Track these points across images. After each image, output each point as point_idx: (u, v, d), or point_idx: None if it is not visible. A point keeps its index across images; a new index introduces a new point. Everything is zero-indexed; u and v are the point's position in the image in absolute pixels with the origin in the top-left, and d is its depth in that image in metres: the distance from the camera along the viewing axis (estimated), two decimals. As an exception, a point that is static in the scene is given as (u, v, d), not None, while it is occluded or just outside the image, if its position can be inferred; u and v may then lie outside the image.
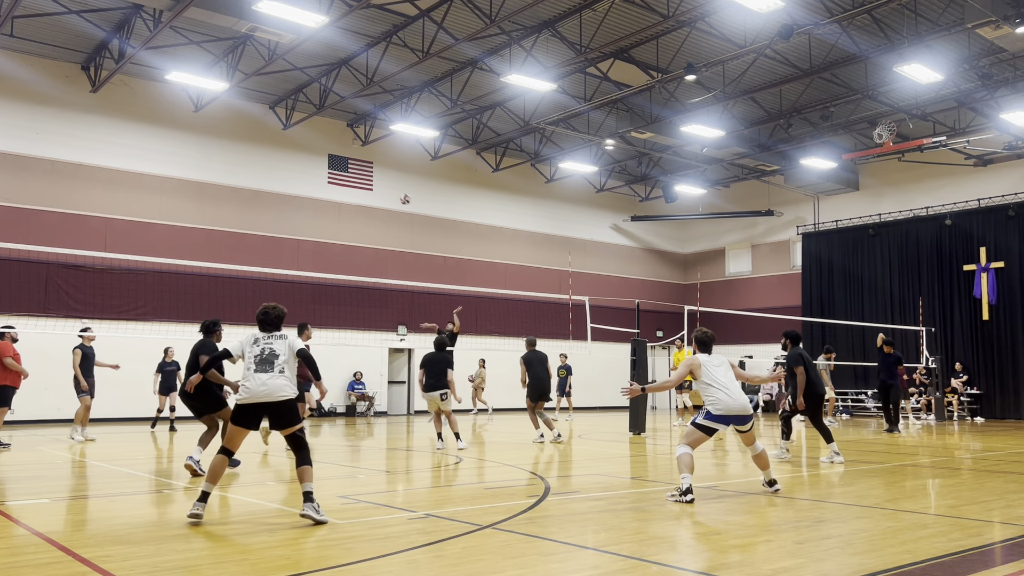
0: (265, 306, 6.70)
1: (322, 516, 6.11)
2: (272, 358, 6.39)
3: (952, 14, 16.70)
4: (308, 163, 24.22)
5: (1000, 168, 24.84)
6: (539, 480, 8.88)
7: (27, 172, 19.81)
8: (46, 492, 8.02)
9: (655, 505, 7.10)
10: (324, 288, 23.00)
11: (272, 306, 6.72)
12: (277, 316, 6.68)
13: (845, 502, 7.52)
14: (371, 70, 19.68)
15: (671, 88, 20.90)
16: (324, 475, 9.78)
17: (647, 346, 17.18)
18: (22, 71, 19.82)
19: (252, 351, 6.47)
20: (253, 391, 6.31)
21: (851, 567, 4.83)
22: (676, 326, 27.57)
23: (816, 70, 19.24)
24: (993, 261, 24.64)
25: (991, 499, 7.64)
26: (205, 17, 15.31)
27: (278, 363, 6.40)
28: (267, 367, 6.36)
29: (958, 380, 24.16)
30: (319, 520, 6.06)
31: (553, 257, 29.06)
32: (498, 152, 27.40)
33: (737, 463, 11.58)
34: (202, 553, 5.20)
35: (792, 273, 30.07)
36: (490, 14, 16.28)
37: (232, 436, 6.44)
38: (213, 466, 6.34)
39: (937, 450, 13.41)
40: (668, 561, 5.08)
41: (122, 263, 19.69)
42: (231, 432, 6.45)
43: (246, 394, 6.34)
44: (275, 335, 6.59)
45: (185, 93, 21.67)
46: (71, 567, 4.78)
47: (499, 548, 5.38)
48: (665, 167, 28.87)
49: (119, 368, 15.35)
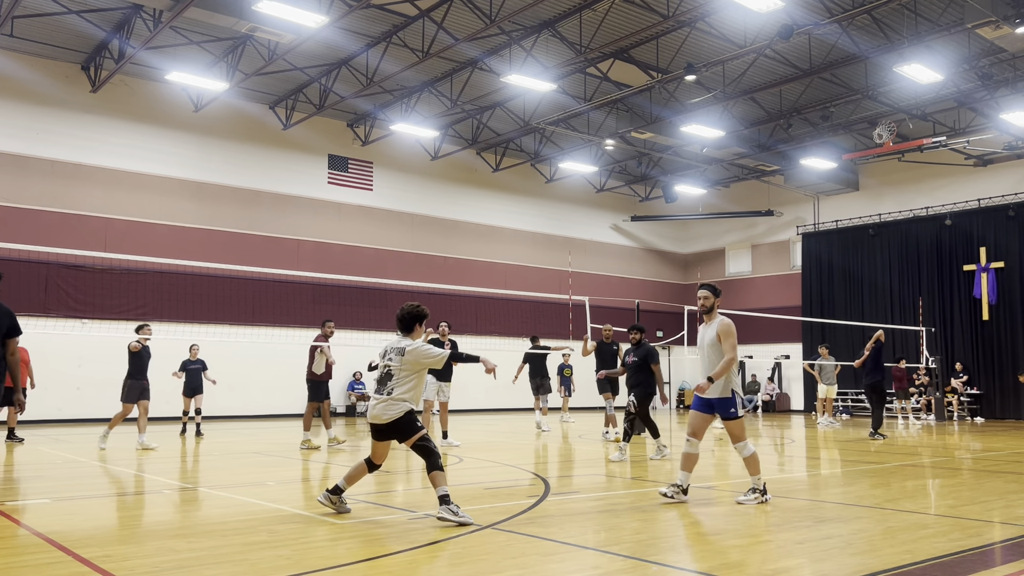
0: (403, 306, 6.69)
1: (463, 517, 6.01)
2: (386, 379, 6.45)
3: (952, 14, 16.69)
4: (308, 163, 24.21)
5: (1000, 168, 24.84)
6: (539, 480, 8.87)
7: (27, 172, 19.81)
8: (46, 492, 8.02)
9: (655, 505, 7.10)
10: (324, 288, 23.00)
11: (409, 306, 6.64)
12: (407, 315, 6.60)
13: (845, 502, 7.52)
14: (371, 70, 19.68)
15: (671, 88, 20.90)
16: (324, 475, 9.78)
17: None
18: (22, 71, 19.82)
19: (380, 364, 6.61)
20: (369, 412, 6.57)
21: (851, 567, 4.83)
22: (676, 326, 27.57)
23: (816, 70, 19.24)
24: (993, 261, 24.64)
25: (991, 499, 7.63)
26: (205, 17, 15.30)
27: (390, 384, 6.41)
28: (380, 387, 6.49)
29: (958, 380, 24.16)
30: (460, 522, 5.97)
31: (553, 257, 29.06)
32: (498, 152, 27.40)
33: (737, 463, 11.58)
34: (202, 553, 5.19)
35: (792, 273, 30.07)
36: (490, 14, 16.28)
37: (373, 449, 6.61)
38: (353, 468, 6.66)
39: (937, 450, 13.41)
40: (668, 561, 5.08)
41: (122, 263, 19.69)
42: (373, 446, 6.61)
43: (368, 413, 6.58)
44: (395, 348, 6.51)
45: (185, 93, 21.67)
46: (71, 567, 4.78)
47: (499, 548, 5.38)
48: (665, 167, 28.86)
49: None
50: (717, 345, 7.20)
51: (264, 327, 21.57)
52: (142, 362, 12.95)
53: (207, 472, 10.16)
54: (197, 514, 7.01)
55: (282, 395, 21.86)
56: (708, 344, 7.27)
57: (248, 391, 21.60)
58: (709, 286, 7.42)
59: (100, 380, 19.91)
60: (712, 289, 7.46)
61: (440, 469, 6.22)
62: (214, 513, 7.02)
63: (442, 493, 6.09)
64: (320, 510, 6.67)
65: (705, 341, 7.31)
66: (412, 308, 6.63)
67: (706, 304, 7.40)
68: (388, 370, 6.46)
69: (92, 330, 19.69)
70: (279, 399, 21.99)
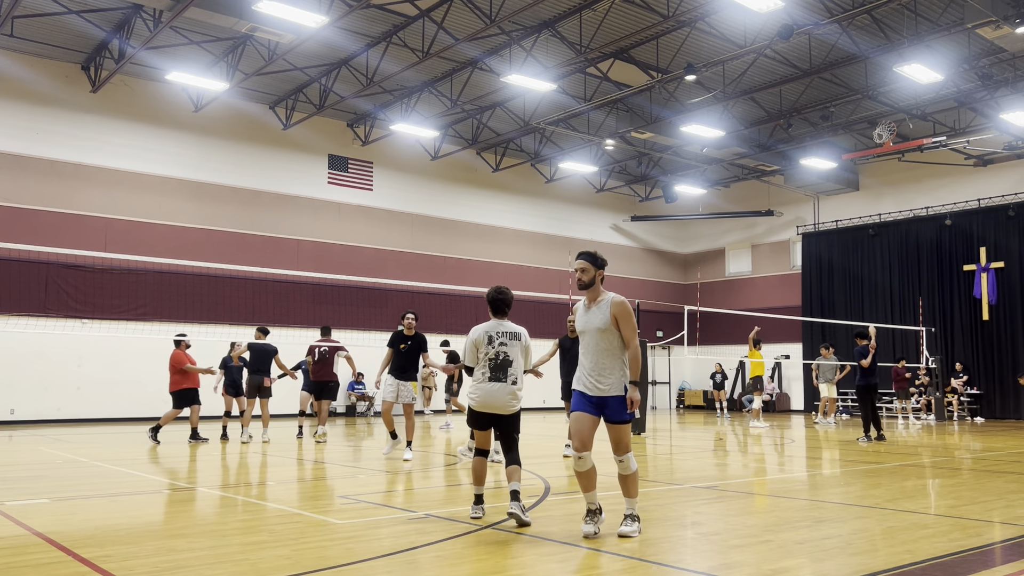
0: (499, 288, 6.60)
1: (527, 518, 5.96)
2: (504, 365, 6.28)
3: (952, 14, 16.70)
4: (308, 163, 24.22)
5: (1000, 168, 24.84)
6: (539, 480, 8.87)
7: (27, 172, 19.81)
8: (46, 492, 8.02)
9: (655, 505, 7.10)
10: (324, 288, 23.01)
11: (506, 288, 6.62)
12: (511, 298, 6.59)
13: (845, 502, 7.52)
14: (371, 70, 19.68)
15: (671, 88, 20.90)
16: (324, 475, 9.78)
17: (647, 346, 17.16)
18: (22, 71, 19.82)
19: (486, 351, 6.34)
20: (483, 400, 6.28)
21: (851, 567, 4.83)
22: (676, 326, 27.59)
23: (816, 70, 19.25)
24: (993, 261, 24.64)
25: (991, 499, 7.64)
26: (205, 17, 15.31)
27: (511, 372, 6.29)
28: (498, 374, 6.27)
29: (958, 380, 24.16)
30: (524, 521, 5.92)
31: (553, 257, 29.06)
32: (498, 152, 27.40)
33: (737, 463, 11.59)
34: (202, 553, 5.19)
35: (792, 273, 30.07)
36: (490, 14, 16.28)
37: (481, 438, 6.46)
38: (474, 468, 6.45)
39: (937, 450, 13.41)
40: (668, 561, 5.08)
41: (122, 263, 19.70)
42: (480, 436, 6.45)
43: (478, 400, 6.30)
44: (507, 332, 6.41)
45: (185, 93, 21.67)
46: (71, 567, 4.78)
47: (499, 548, 5.38)
48: (665, 167, 28.87)
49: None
50: (611, 332, 5.67)
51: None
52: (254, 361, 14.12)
53: (207, 472, 10.16)
54: (197, 514, 7.01)
55: (282, 395, 21.84)
56: (597, 330, 5.69)
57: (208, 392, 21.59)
58: (588, 254, 5.86)
59: (100, 380, 19.94)
60: (592, 258, 5.84)
61: (519, 464, 6.21)
62: (214, 513, 7.02)
63: (515, 488, 6.05)
64: (320, 510, 6.66)
65: (591, 326, 5.73)
66: (509, 291, 6.67)
67: (584, 278, 5.80)
68: (505, 356, 6.30)
69: (92, 330, 19.70)
70: (279, 399, 21.93)
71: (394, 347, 10.85)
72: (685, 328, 19.96)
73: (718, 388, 25.54)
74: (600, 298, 5.79)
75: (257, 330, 14.30)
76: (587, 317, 5.79)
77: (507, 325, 6.51)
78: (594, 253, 5.88)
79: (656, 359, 31.10)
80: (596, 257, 5.86)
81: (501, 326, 6.47)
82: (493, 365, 6.29)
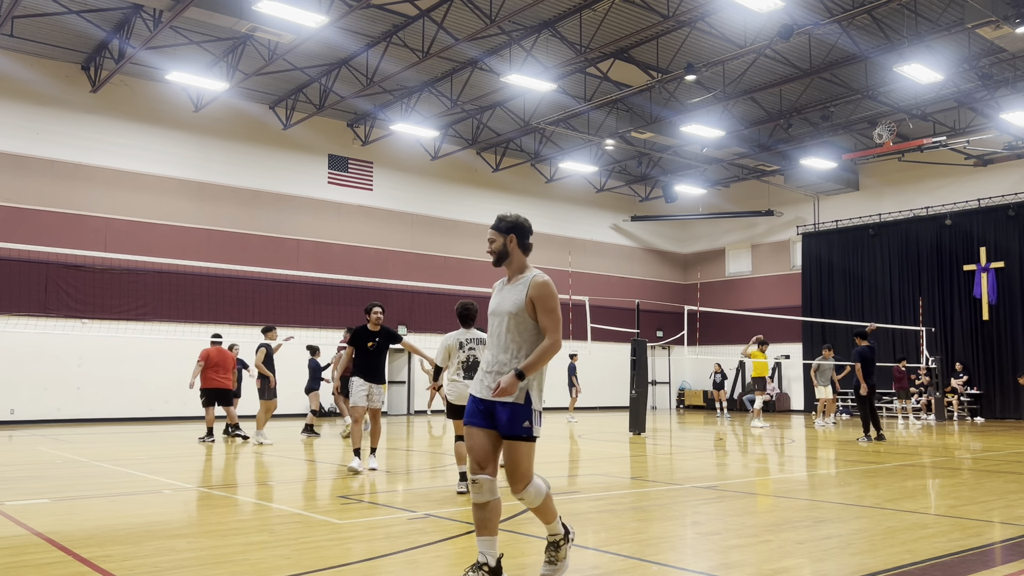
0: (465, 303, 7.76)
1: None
2: (476, 365, 7.30)
3: (952, 14, 16.69)
4: (308, 163, 24.21)
5: (1000, 168, 24.84)
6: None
7: (27, 172, 19.81)
8: (46, 492, 8.02)
9: (655, 505, 7.10)
10: (324, 288, 23.00)
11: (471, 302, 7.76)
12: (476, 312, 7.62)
13: (845, 502, 7.52)
14: (371, 70, 19.67)
15: (671, 88, 20.90)
16: (324, 475, 9.78)
17: (647, 346, 17.18)
18: (22, 71, 19.82)
19: (459, 356, 7.61)
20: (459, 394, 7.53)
21: (851, 567, 4.83)
22: (676, 326, 27.59)
23: (816, 70, 19.24)
24: (993, 261, 24.65)
25: (991, 499, 7.64)
26: (205, 17, 15.30)
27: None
28: (471, 374, 7.36)
29: (958, 380, 24.16)
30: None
31: (553, 257, 29.05)
32: (498, 152, 27.40)
33: (737, 463, 11.59)
34: (202, 553, 5.19)
35: (792, 273, 30.07)
36: (490, 14, 16.28)
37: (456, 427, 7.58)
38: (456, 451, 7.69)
39: (937, 450, 13.41)
40: (668, 561, 5.08)
41: (122, 263, 19.69)
42: (455, 424, 7.61)
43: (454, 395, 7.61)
44: (475, 338, 7.64)
45: (185, 93, 21.67)
46: (71, 567, 4.78)
47: (500, 548, 5.37)
48: (665, 167, 28.86)
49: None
50: (524, 319, 4.36)
51: (264, 327, 21.54)
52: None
53: (207, 472, 10.16)
54: (197, 514, 7.01)
55: (282, 395, 21.81)
56: (508, 313, 4.40)
57: (248, 391, 21.55)
58: (497, 218, 4.56)
59: (100, 380, 19.94)
60: (499, 223, 4.52)
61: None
62: (214, 513, 7.02)
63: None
64: (319, 510, 6.66)
65: (502, 308, 4.44)
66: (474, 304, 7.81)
67: (494, 247, 4.51)
68: (475, 358, 7.55)
69: (92, 330, 19.69)
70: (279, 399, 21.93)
71: (359, 345, 9.50)
72: (685, 328, 19.95)
73: (718, 388, 25.52)
74: (521, 275, 4.49)
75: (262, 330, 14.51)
76: (499, 297, 4.52)
77: (474, 332, 7.74)
78: (504, 215, 4.56)
79: (656, 359, 31.10)
80: (506, 220, 4.51)
81: (470, 333, 7.72)
82: (465, 366, 7.61)
